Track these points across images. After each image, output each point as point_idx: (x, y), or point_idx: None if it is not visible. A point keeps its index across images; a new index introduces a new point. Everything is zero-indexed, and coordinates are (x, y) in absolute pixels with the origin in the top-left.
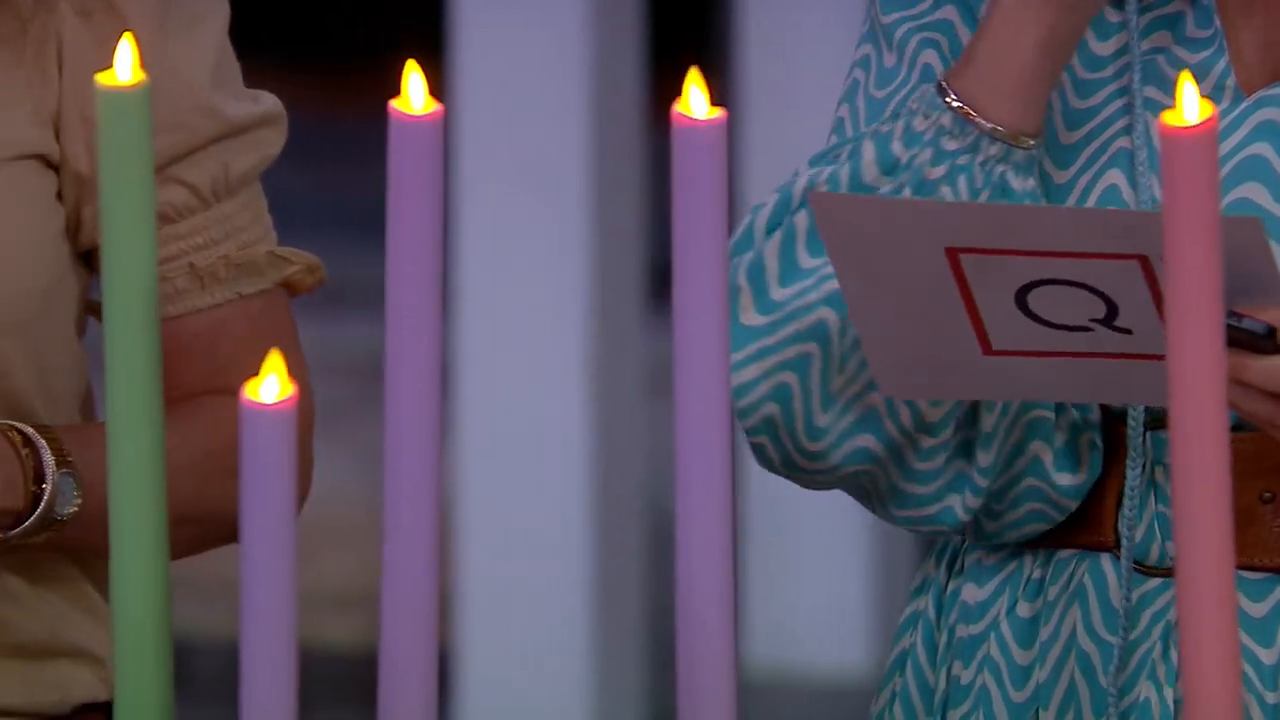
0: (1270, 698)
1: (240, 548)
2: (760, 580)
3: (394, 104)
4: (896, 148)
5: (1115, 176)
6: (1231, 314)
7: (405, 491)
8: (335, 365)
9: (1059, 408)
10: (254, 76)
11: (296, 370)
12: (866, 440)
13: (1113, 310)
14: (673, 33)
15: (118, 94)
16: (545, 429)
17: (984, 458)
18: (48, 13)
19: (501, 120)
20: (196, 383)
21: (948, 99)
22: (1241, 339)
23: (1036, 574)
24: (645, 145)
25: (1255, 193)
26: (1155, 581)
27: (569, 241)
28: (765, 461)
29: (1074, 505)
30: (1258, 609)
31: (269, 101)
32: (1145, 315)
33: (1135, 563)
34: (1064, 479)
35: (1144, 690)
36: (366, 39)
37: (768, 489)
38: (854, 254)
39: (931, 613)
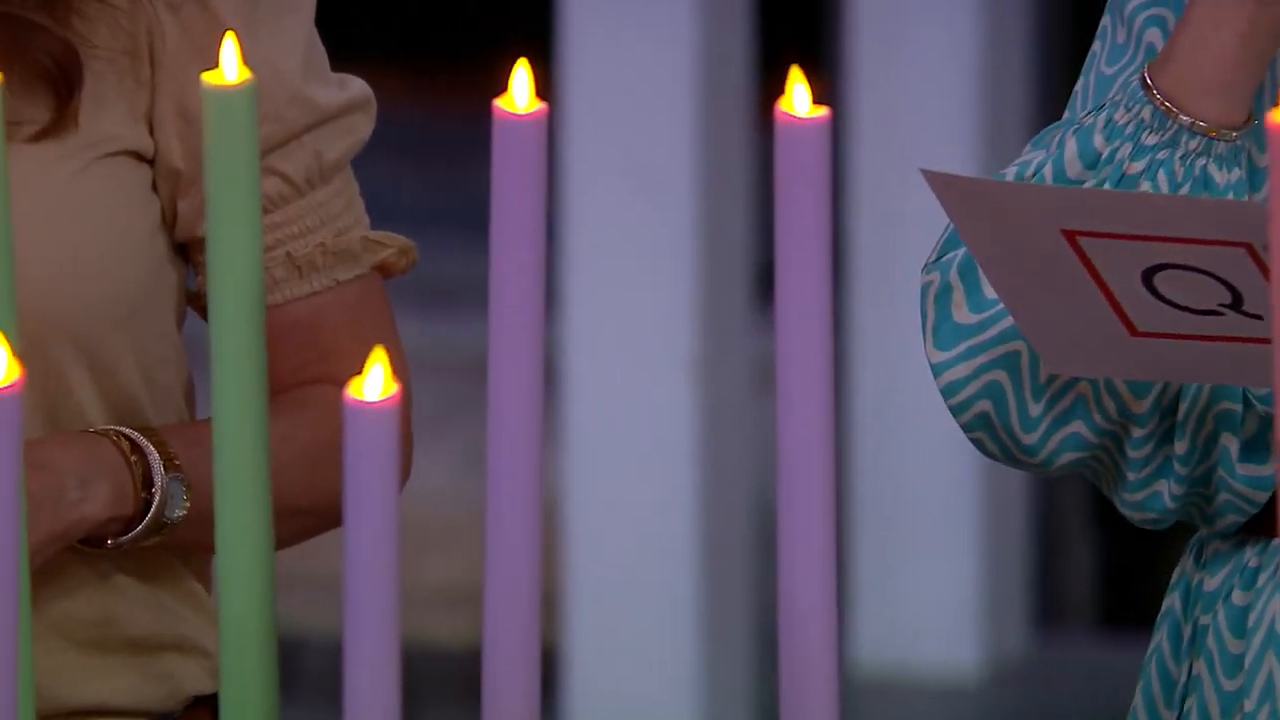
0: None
1: (344, 546)
2: (870, 579)
3: (498, 102)
4: (1098, 141)
5: None
6: None
7: (508, 490)
8: (441, 364)
9: (1246, 400)
10: (361, 74)
11: (393, 355)
12: (1077, 427)
13: (1237, 297)
14: (782, 33)
15: (224, 93)
16: (652, 428)
17: (1180, 445)
18: (140, 7)
19: (609, 120)
20: (297, 371)
21: (1152, 92)
22: None
23: (1254, 561)
24: (752, 144)
25: None
26: None
27: (675, 241)
28: (987, 454)
29: (1261, 497)
30: None
31: (357, 86)
32: (1264, 298)
33: None
34: (1247, 470)
35: None
36: (474, 37)
37: (877, 487)
38: (983, 234)
39: (1178, 606)
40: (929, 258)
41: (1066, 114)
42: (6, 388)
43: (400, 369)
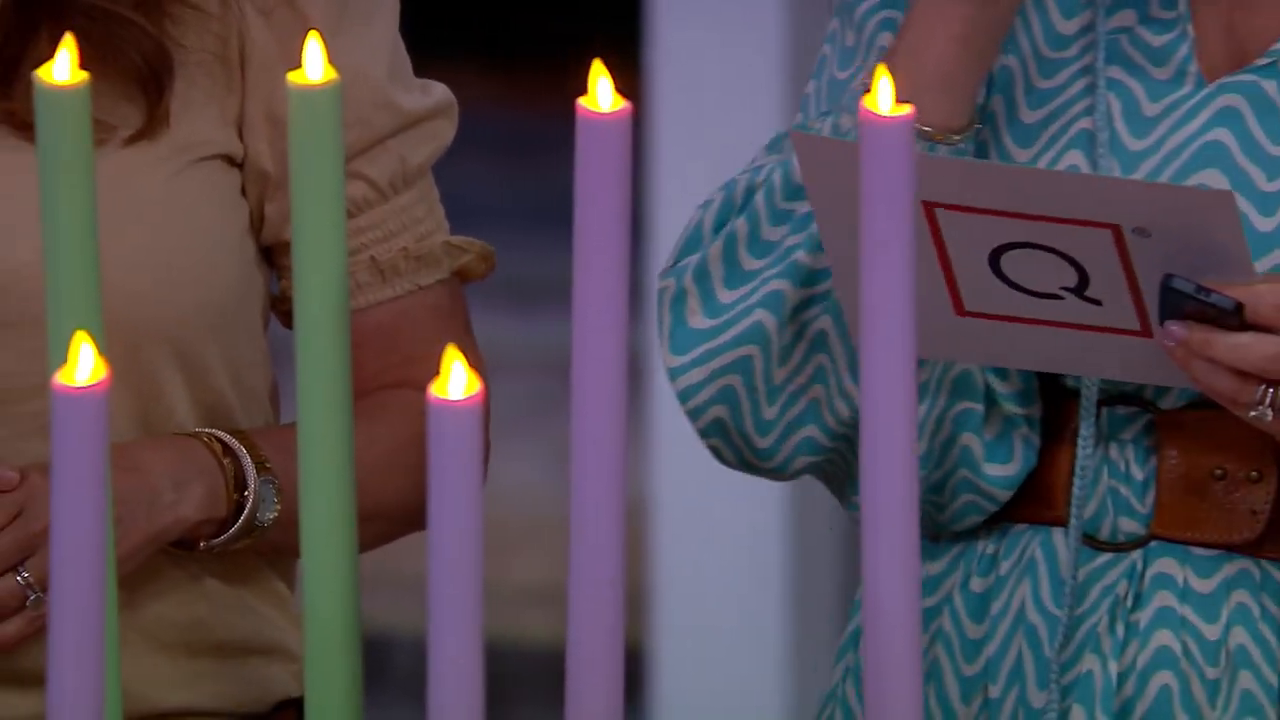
0: (1210, 673)
1: (428, 544)
2: None
3: (582, 102)
4: None
5: (1075, 157)
6: (1199, 288)
7: (591, 489)
8: (525, 362)
9: (989, 399)
10: (447, 73)
11: (471, 358)
12: (811, 431)
13: (1084, 280)
14: None
15: (309, 92)
16: None
17: (918, 447)
18: (230, 12)
19: (697, 119)
20: (378, 375)
21: None
22: (1209, 314)
23: (990, 549)
24: None
25: (1214, 179)
26: (1105, 556)
27: None
28: (723, 461)
29: (1005, 495)
30: (1204, 585)
31: (439, 91)
32: (1115, 287)
33: (1086, 537)
34: (994, 470)
35: (1088, 663)
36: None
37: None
38: (832, 200)
39: None
40: (665, 263)
41: (799, 117)
42: (93, 385)
43: (478, 372)
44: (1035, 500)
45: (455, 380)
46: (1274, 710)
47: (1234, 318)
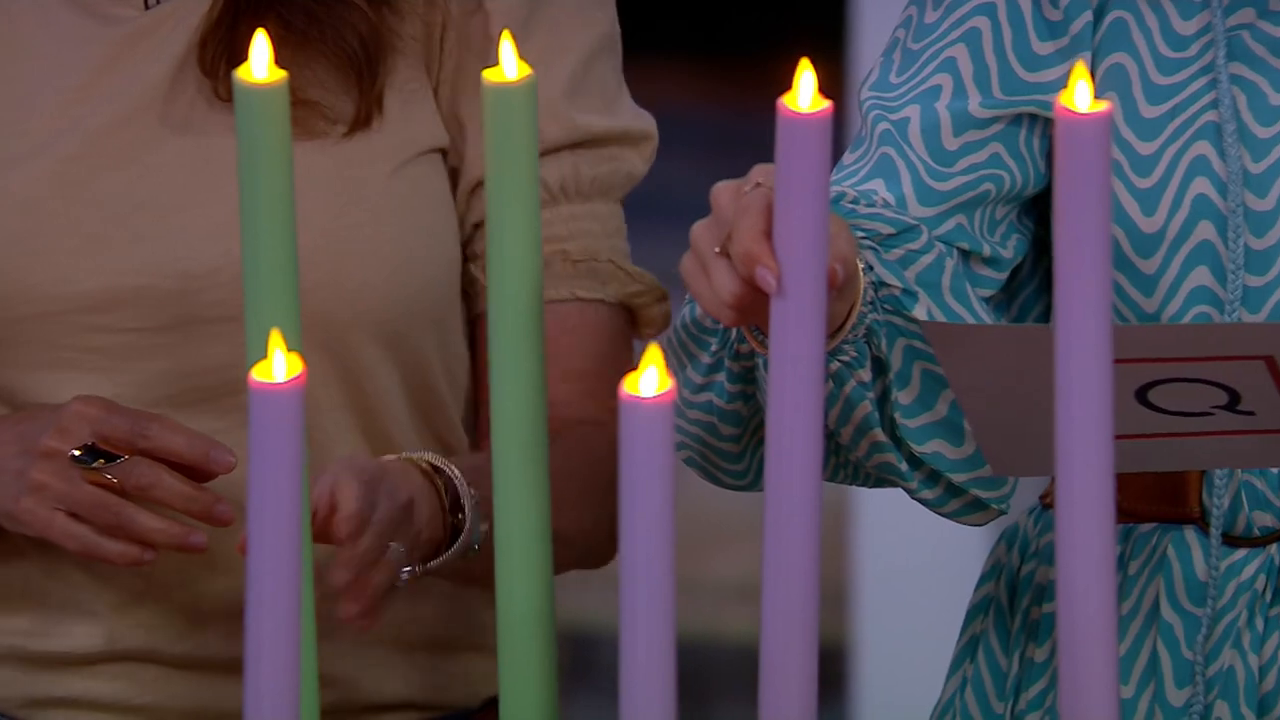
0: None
1: (620, 541)
2: None
3: (783, 100)
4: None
5: (1203, 148)
6: None
7: (785, 485)
8: None
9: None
10: (656, 71)
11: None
12: None
13: (1235, 398)
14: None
15: (505, 89)
16: None
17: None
18: (437, 7)
19: None
20: None
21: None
22: None
23: (1115, 550)
24: None
25: None
26: (1241, 552)
27: None
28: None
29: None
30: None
31: (632, 121)
32: (1270, 400)
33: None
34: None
35: (1229, 659)
36: (769, 34)
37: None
38: (969, 369)
39: (1004, 597)
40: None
41: (873, 76)
42: (288, 382)
43: None
44: (1165, 499)
45: (648, 377)
46: None
47: None
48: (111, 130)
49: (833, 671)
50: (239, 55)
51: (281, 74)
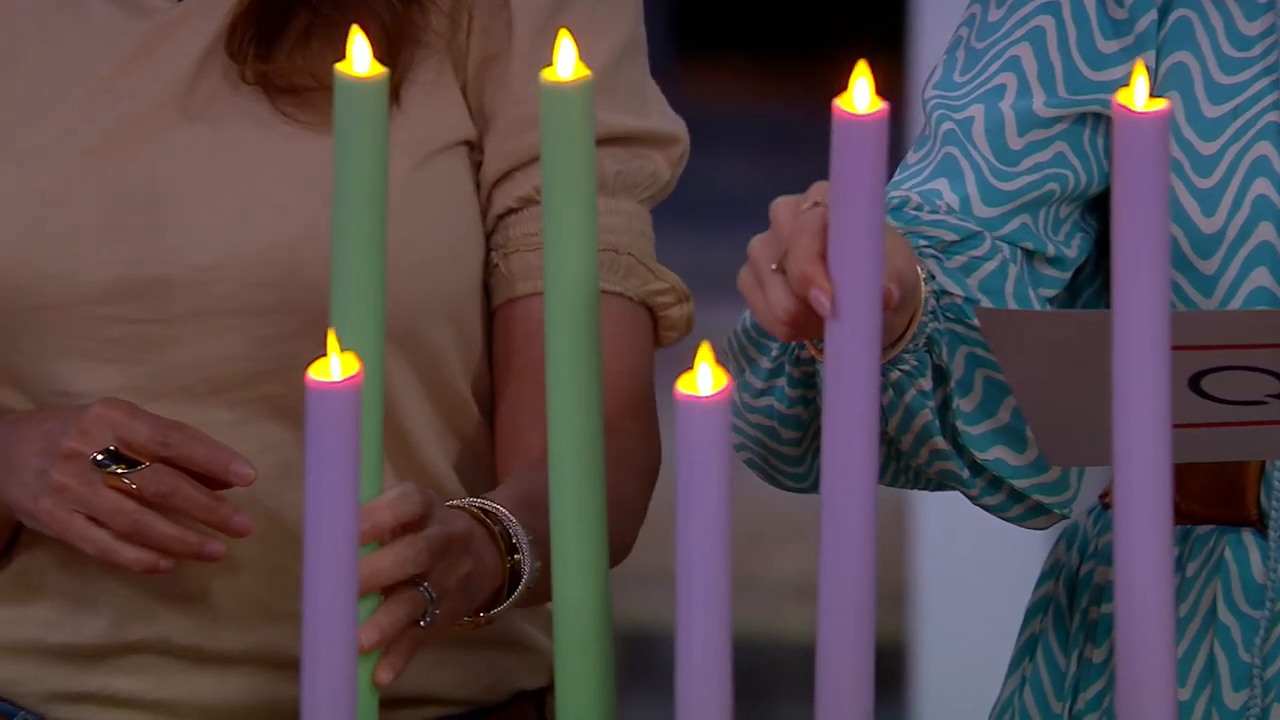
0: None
1: (676, 540)
2: None
3: (838, 102)
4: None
5: (1265, 148)
6: None
7: (842, 484)
8: None
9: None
10: (710, 70)
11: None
12: None
13: None
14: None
15: (562, 89)
16: None
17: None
18: (461, 7)
19: None
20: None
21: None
22: None
23: (1173, 548)
24: None
25: None
26: None
27: None
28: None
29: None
30: None
31: (660, 123)
32: None
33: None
34: (987, 501)
35: None
36: (827, 33)
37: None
38: (1022, 357)
39: (1063, 597)
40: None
41: (937, 74)
42: (345, 380)
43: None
44: (1222, 501)
45: (703, 375)
46: None
47: None
48: (133, 122)
49: (892, 671)
50: (267, 39)
51: (381, 69)
